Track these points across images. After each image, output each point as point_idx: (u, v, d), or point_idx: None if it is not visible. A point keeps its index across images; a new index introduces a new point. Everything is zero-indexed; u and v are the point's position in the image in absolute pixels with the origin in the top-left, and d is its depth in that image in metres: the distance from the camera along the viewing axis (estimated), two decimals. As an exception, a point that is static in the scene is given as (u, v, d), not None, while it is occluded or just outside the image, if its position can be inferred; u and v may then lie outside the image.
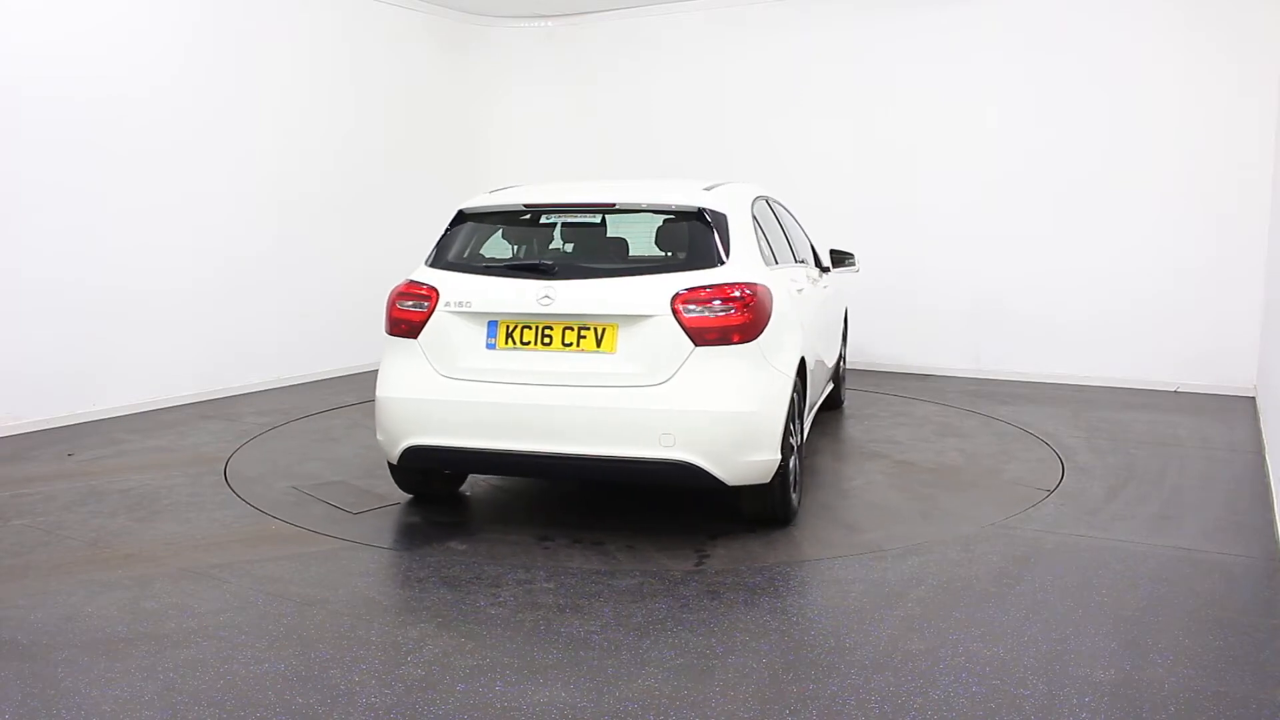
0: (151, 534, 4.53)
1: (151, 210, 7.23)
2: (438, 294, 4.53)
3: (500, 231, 4.95)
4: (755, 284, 4.34)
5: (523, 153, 10.48)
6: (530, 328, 4.38)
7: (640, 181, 5.45)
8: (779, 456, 4.32)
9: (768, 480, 4.35)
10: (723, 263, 4.39)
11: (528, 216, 4.83)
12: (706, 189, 4.78)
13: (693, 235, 4.56)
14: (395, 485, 5.02)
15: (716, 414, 4.16)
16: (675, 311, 4.20)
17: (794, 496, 4.66)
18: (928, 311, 8.85)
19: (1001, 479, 5.40)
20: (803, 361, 4.79)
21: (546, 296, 4.32)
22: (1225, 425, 6.74)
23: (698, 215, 4.56)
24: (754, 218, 4.95)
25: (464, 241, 4.82)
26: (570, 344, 4.32)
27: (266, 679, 3.11)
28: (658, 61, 9.93)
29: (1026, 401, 7.56)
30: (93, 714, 2.90)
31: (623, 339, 4.26)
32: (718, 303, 4.21)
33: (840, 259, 6.69)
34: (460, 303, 4.48)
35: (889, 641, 3.36)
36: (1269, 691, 3.01)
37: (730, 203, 4.73)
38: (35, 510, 4.87)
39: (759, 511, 4.55)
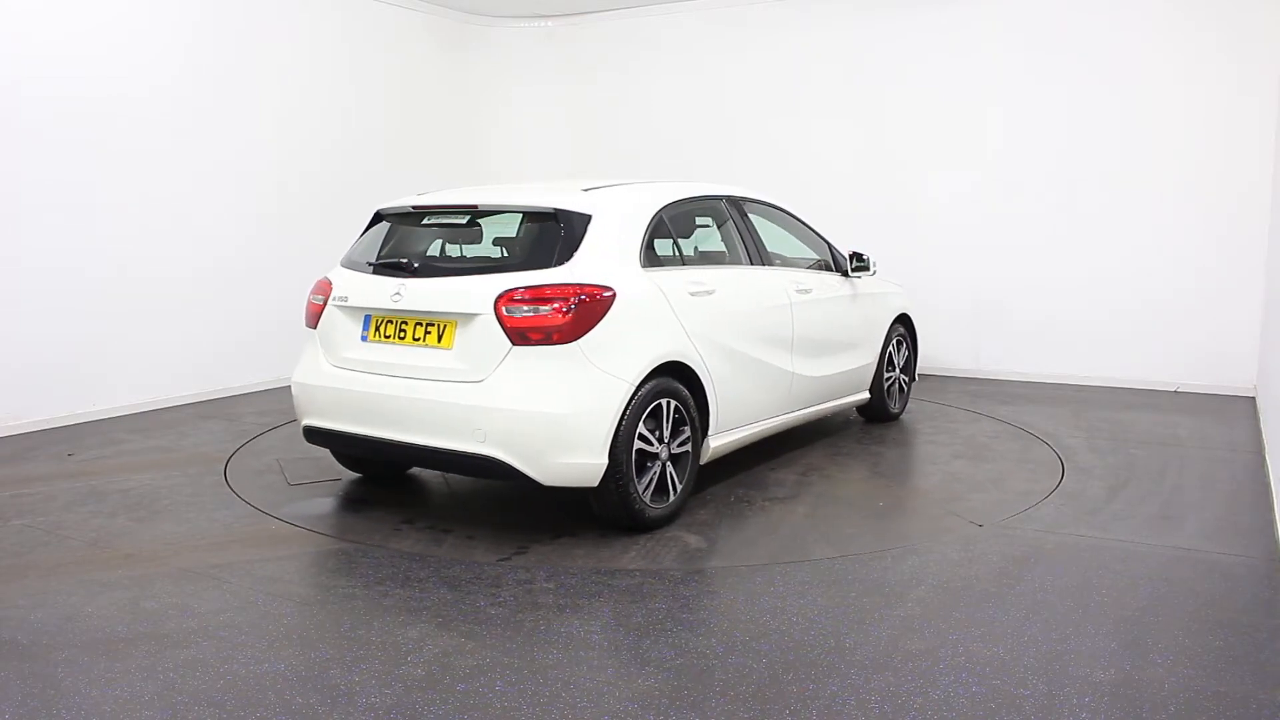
0: (151, 534, 4.53)
1: (152, 210, 7.23)
2: (332, 288, 4.84)
3: (397, 231, 5.08)
4: (585, 285, 4.27)
5: (523, 153, 10.47)
6: (392, 322, 4.63)
7: (544, 183, 5.42)
8: (604, 461, 4.24)
9: (594, 484, 4.29)
10: (562, 264, 4.36)
11: (416, 217, 5.00)
12: (587, 189, 4.74)
13: (540, 236, 4.58)
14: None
15: (523, 413, 4.19)
16: (496, 310, 4.27)
17: (651, 505, 4.46)
18: (928, 310, 8.77)
19: (948, 509, 4.86)
20: (679, 367, 4.61)
21: (398, 293, 4.57)
22: (1225, 425, 6.74)
23: (553, 216, 4.55)
24: (660, 219, 4.82)
25: (367, 240, 5.10)
26: (419, 339, 4.53)
27: (266, 679, 3.11)
28: (658, 61, 9.93)
29: (1026, 401, 7.56)
30: (93, 714, 2.90)
31: (458, 336, 4.40)
32: (537, 303, 4.23)
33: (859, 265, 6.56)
34: (342, 297, 4.81)
35: (889, 641, 3.36)
36: (1269, 691, 3.01)
37: (607, 204, 4.61)
38: (35, 510, 4.87)
39: (603, 515, 4.49)
